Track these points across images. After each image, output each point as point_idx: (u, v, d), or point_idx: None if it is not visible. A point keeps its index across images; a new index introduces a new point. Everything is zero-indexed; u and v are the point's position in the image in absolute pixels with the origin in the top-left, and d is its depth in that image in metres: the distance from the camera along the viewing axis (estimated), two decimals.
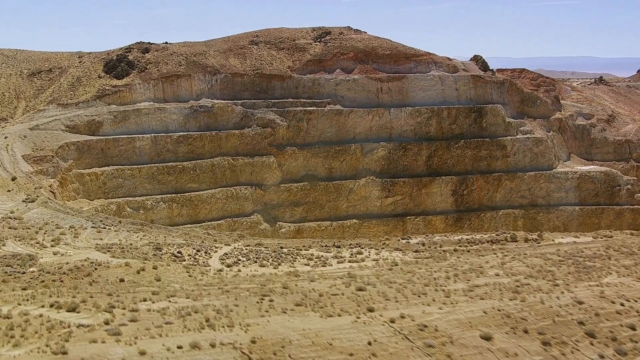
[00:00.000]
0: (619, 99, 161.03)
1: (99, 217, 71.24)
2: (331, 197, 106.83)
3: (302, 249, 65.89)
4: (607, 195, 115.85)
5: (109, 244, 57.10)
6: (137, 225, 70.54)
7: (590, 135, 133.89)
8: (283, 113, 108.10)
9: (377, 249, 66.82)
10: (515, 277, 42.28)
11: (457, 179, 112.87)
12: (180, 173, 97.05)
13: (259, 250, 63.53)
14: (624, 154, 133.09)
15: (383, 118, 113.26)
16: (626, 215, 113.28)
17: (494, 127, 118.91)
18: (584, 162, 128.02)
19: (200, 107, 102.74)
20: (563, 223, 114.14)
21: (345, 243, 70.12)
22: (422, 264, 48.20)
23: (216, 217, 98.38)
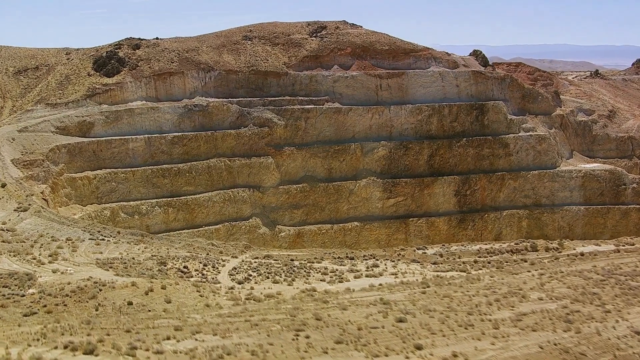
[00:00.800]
0: (617, 94, 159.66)
1: (96, 228, 68.41)
2: (331, 198, 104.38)
3: (314, 261, 63.53)
4: (612, 194, 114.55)
5: (110, 259, 54.68)
6: (136, 236, 67.88)
7: (592, 132, 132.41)
8: (280, 112, 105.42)
9: (393, 261, 64.68)
10: (561, 302, 39.93)
11: (460, 179, 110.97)
12: (175, 176, 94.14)
13: (268, 263, 61.20)
14: (627, 151, 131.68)
15: (383, 116, 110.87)
16: (632, 215, 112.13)
17: (495, 125, 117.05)
18: (586, 160, 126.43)
19: (194, 106, 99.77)
20: (568, 223, 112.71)
21: (359, 254, 67.76)
22: (455, 285, 45.57)
23: (213, 222, 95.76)
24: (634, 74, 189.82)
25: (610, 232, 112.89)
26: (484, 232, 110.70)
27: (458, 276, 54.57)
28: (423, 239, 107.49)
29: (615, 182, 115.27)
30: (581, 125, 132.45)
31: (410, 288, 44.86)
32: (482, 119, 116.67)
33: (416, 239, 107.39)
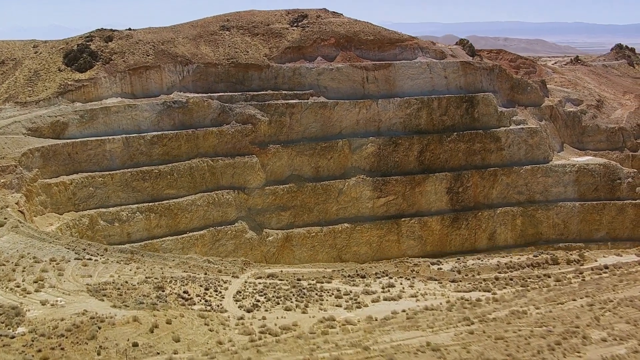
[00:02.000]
0: (600, 81, 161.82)
1: (81, 245, 65.99)
2: (320, 199, 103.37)
3: (323, 280, 62.32)
4: (607, 189, 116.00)
5: (101, 285, 52.37)
6: (126, 253, 65.80)
7: (582, 123, 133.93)
8: (263, 107, 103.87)
9: (408, 279, 63.88)
10: (628, 344, 39.34)
11: (452, 176, 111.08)
12: (156, 178, 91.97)
13: (274, 284, 59.74)
14: (618, 143, 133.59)
15: (370, 110, 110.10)
16: (629, 210, 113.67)
17: (486, 118, 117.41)
18: (577, 153, 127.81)
19: (174, 103, 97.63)
20: (563, 220, 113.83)
21: (370, 271, 66.70)
22: (503, 320, 44.69)
23: (198, 227, 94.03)
24: (614, 60, 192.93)
25: (606, 229, 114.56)
26: (477, 231, 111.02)
27: (484, 298, 54.12)
28: (416, 240, 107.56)
29: (610, 176, 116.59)
30: (570, 116, 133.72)
31: (453, 326, 43.72)
32: (472, 112, 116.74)
33: (409, 240, 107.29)
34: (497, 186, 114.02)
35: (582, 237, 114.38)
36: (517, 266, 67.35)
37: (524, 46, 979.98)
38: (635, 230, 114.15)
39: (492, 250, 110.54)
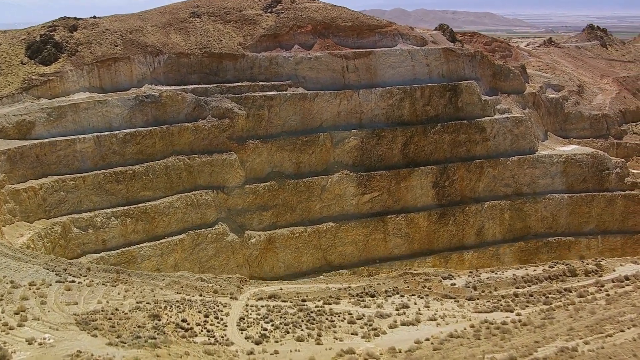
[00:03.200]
0: (577, 64, 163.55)
1: (61, 264, 63.33)
2: (302, 197, 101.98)
3: (330, 301, 60.78)
4: (595, 180, 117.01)
5: (90, 314, 49.57)
6: (110, 273, 63.46)
7: (564, 110, 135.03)
8: (240, 100, 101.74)
9: (422, 297, 62.84)
10: None
11: (437, 169, 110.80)
12: (130, 180, 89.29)
13: (278, 307, 57.98)
14: (601, 130, 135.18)
15: (352, 101, 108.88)
16: (618, 202, 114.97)
17: (470, 107, 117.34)
18: (561, 141, 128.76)
19: (146, 97, 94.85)
20: (551, 213, 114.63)
21: (379, 288, 65.47)
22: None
23: (176, 231, 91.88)
24: (586, 41, 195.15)
25: (596, 222, 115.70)
26: (465, 227, 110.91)
27: (509, 321, 53.37)
28: (403, 238, 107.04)
29: (598, 166, 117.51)
30: (553, 103, 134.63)
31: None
32: (455, 101, 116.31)
33: (395, 238, 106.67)
34: (484, 179, 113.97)
35: (571, 230, 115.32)
36: (534, 279, 67.03)
37: (473, 19, 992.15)
38: (625, 222, 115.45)
39: (481, 246, 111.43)
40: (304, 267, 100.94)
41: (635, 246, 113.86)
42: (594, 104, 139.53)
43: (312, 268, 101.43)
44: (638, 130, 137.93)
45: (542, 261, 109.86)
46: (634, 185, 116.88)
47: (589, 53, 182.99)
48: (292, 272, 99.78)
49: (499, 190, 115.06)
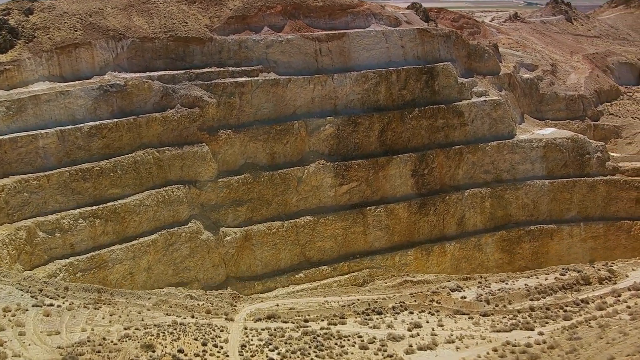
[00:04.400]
0: (546, 41, 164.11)
1: (36, 284, 60.57)
2: (278, 190, 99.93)
3: (336, 321, 58.84)
4: (576, 165, 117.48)
5: (76, 346, 47.15)
6: (91, 292, 60.91)
7: (539, 91, 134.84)
8: (210, 87, 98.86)
9: (432, 313, 61.33)
10: None
11: (416, 157, 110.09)
12: (98, 177, 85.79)
13: (280, 330, 55.94)
14: (578, 111, 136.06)
15: (326, 87, 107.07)
16: (600, 187, 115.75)
17: (447, 90, 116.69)
18: (538, 124, 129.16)
19: (111, 87, 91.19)
20: (532, 200, 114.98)
21: (385, 304, 63.50)
22: None
23: (148, 231, 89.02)
24: (551, 15, 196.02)
25: (577, 208, 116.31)
26: (446, 217, 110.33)
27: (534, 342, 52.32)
28: (383, 231, 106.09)
29: (579, 151, 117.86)
30: (528, 83, 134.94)
31: None
32: (432, 85, 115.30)
33: (375, 231, 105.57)
34: (463, 165, 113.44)
35: (553, 218, 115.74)
36: (548, 290, 66.27)
37: None
38: (607, 208, 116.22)
39: (462, 237, 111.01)
40: (282, 264, 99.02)
41: (618, 233, 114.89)
42: (569, 84, 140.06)
43: (290, 265, 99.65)
44: (614, 110, 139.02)
45: (524, 250, 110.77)
46: (615, 170, 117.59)
47: (554, 28, 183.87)
48: (270, 270, 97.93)
49: (479, 177, 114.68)
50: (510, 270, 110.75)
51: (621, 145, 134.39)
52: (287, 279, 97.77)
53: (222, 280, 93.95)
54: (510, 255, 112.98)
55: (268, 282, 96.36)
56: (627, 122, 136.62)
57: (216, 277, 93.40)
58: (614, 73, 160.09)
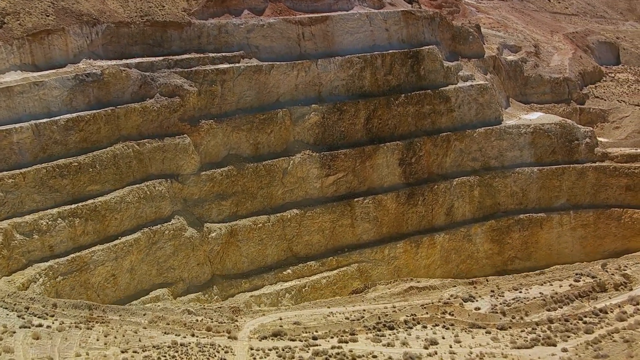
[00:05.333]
0: (526, 20, 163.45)
1: (21, 301, 57.45)
2: (263, 182, 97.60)
3: (346, 337, 56.63)
4: (565, 151, 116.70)
5: None
6: (81, 309, 58.04)
7: (524, 73, 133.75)
8: (190, 75, 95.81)
9: (447, 327, 59.51)
10: None
11: (403, 145, 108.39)
12: (76, 173, 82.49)
13: (288, 350, 53.53)
14: (563, 94, 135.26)
15: (310, 73, 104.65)
16: (589, 174, 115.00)
17: (433, 75, 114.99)
18: (523, 108, 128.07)
19: (87, 76, 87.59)
20: (521, 188, 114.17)
21: (396, 317, 61.38)
22: None
23: (130, 229, 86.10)
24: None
25: (567, 196, 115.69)
26: (435, 207, 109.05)
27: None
28: (371, 223, 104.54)
29: (567, 137, 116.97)
30: (512, 66, 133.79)
31: None
32: (418, 69, 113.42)
33: (363, 223, 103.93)
34: (451, 153, 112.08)
35: (542, 206, 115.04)
36: (564, 298, 64.80)
37: None
38: (597, 195, 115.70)
39: (452, 227, 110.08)
40: (269, 260, 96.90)
41: (608, 221, 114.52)
42: (553, 66, 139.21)
43: (277, 261, 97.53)
44: (599, 93, 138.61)
45: (514, 240, 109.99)
46: (604, 156, 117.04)
47: (532, 6, 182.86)
48: (257, 267, 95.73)
49: (467, 164, 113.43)
50: (500, 261, 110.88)
51: (608, 130, 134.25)
52: (275, 276, 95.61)
53: (208, 278, 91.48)
54: (500, 245, 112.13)
55: (255, 279, 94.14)
56: (613, 106, 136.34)
57: (201, 276, 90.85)
58: (594, 53, 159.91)
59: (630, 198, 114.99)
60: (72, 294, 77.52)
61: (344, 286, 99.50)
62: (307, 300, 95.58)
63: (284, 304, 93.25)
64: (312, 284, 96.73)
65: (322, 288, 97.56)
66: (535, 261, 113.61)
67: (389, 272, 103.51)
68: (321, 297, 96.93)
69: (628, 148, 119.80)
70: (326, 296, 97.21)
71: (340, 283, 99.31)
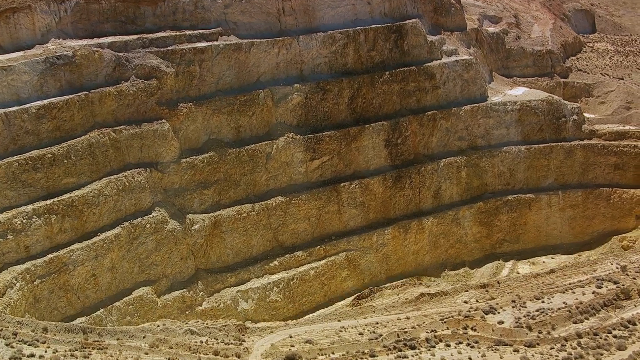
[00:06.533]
0: None
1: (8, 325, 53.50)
2: (246, 168, 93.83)
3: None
4: (552, 129, 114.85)
5: None
6: (75, 333, 53.70)
7: (505, 46, 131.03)
8: (167, 55, 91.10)
9: (472, 345, 56.53)
10: None
11: (389, 125, 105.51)
12: (50, 165, 77.55)
13: None
14: (546, 68, 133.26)
15: (291, 50, 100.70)
16: (577, 153, 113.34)
17: (416, 50, 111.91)
18: (507, 82, 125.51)
19: (58, 59, 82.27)
20: (509, 168, 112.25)
21: (416, 334, 57.99)
22: None
23: (109, 224, 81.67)
24: None
25: (555, 175, 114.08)
26: (422, 190, 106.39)
27: None
28: (358, 208, 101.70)
29: (554, 114, 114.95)
30: (494, 38, 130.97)
31: None
32: (401, 45, 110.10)
33: (350, 209, 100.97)
34: (437, 133, 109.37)
35: (530, 186, 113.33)
36: (589, 309, 62.18)
37: None
38: (585, 175, 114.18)
39: (439, 210, 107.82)
40: (254, 251, 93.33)
41: (597, 201, 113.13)
42: (534, 37, 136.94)
43: (263, 252, 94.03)
44: (582, 66, 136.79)
45: (502, 222, 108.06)
46: (591, 134, 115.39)
47: None
48: (242, 259, 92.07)
49: (453, 144, 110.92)
50: (489, 244, 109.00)
51: (593, 105, 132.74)
52: (261, 269, 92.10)
53: (192, 273, 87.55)
54: (488, 228, 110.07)
55: (241, 273, 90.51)
56: (597, 80, 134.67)
57: (185, 271, 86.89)
58: (570, 21, 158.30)
59: (619, 177, 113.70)
60: (52, 298, 73.46)
61: (332, 277, 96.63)
62: (296, 293, 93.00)
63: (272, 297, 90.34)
64: (300, 276, 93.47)
65: (311, 280, 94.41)
66: (523, 243, 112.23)
67: (377, 260, 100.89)
68: (310, 289, 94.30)
69: (615, 125, 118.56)
70: (315, 288, 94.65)
71: (329, 274, 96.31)
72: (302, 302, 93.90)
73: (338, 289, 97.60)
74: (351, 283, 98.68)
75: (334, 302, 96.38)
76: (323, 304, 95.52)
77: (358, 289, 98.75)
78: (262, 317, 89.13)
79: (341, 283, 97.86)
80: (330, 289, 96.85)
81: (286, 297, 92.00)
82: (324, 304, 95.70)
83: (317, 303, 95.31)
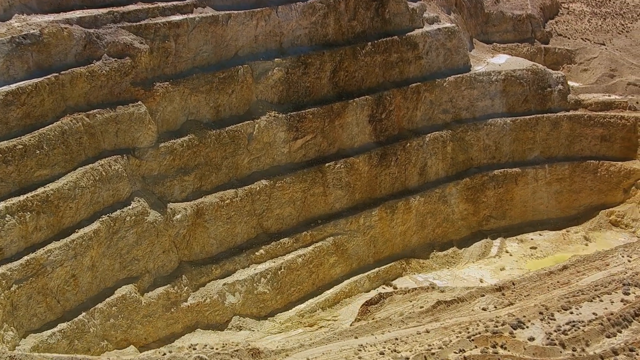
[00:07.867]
0: None
1: None
2: (227, 150, 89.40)
3: None
4: (538, 99, 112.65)
5: None
6: None
7: (484, 10, 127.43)
8: (140, 30, 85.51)
9: None
10: None
11: (372, 99, 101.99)
12: (22, 157, 71.86)
13: None
14: (526, 33, 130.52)
15: (270, 22, 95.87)
16: (563, 124, 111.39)
17: (398, 19, 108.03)
18: (487, 48, 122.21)
19: (24, 38, 76.04)
20: (494, 142, 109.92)
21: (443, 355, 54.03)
22: None
23: (87, 218, 76.47)
24: None
25: (541, 148, 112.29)
26: (408, 167, 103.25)
27: None
28: (343, 189, 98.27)
29: (539, 84, 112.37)
30: (473, 2, 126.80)
31: None
32: (382, 13, 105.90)
33: (336, 190, 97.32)
34: (421, 106, 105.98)
35: (516, 160, 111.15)
36: (621, 320, 59.24)
37: None
38: (571, 147, 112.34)
39: (425, 188, 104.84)
40: (238, 240, 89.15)
41: (583, 174, 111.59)
42: (513, 1, 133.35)
43: (248, 240, 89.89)
44: (562, 30, 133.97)
45: (488, 198, 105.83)
46: (577, 104, 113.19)
47: None
48: (227, 249, 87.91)
49: (438, 117, 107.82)
50: (475, 221, 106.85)
51: (575, 72, 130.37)
52: (247, 258, 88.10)
53: (175, 267, 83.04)
54: (475, 205, 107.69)
55: (226, 264, 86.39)
56: (579, 46, 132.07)
57: (168, 265, 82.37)
58: None
59: (606, 149, 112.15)
60: (30, 304, 68.51)
61: (320, 264, 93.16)
62: (284, 284, 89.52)
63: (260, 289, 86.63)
64: (288, 265, 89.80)
65: (299, 268, 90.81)
66: (510, 219, 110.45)
67: (365, 243, 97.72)
68: (298, 278, 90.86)
69: (601, 94, 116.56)
70: (303, 277, 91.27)
71: (317, 261, 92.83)
72: (290, 292, 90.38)
73: (326, 276, 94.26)
74: (339, 269, 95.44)
75: (323, 291, 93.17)
76: (312, 293, 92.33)
77: (346, 275, 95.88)
78: (250, 311, 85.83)
79: (329, 270, 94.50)
80: (319, 277, 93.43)
81: (274, 289, 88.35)
82: (313, 292, 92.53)
83: (306, 292, 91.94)
